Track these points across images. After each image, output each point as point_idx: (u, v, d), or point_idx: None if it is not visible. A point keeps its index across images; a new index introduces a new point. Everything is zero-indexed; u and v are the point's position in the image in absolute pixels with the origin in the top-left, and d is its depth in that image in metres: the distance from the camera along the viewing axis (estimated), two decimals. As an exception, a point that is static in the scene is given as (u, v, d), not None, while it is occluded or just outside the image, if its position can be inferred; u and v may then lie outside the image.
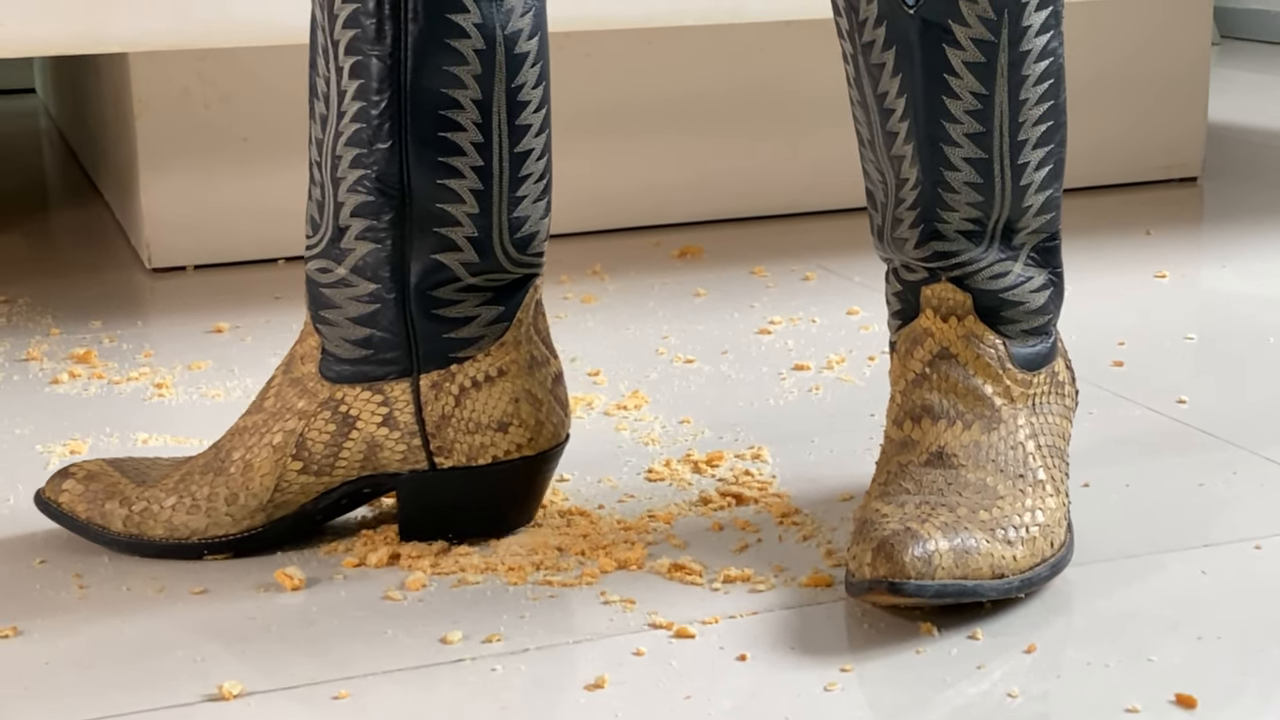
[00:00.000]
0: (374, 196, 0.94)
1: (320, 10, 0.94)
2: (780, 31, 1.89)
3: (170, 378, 1.34)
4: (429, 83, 0.93)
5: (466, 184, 0.94)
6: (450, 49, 0.92)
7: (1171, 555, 0.96)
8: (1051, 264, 0.97)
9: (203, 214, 1.73)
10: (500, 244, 0.95)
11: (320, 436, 0.96)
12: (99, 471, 1.00)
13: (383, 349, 0.96)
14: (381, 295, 0.96)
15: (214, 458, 0.98)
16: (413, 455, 0.97)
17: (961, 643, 0.85)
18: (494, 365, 0.97)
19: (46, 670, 0.84)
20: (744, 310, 1.53)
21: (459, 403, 0.96)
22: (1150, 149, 2.08)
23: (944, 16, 0.90)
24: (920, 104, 0.92)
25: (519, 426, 0.97)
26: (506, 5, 0.93)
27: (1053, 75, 0.93)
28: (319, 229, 0.97)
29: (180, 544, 0.96)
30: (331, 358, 0.97)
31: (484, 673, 0.83)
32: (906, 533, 0.85)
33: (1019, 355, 0.96)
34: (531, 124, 0.95)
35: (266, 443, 0.97)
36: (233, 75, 1.71)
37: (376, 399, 0.96)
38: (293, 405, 0.97)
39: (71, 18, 1.44)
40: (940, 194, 0.93)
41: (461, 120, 0.93)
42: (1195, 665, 0.82)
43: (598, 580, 0.93)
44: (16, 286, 1.67)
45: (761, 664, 0.83)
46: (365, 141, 0.94)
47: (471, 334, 0.96)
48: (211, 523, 0.96)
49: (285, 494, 0.97)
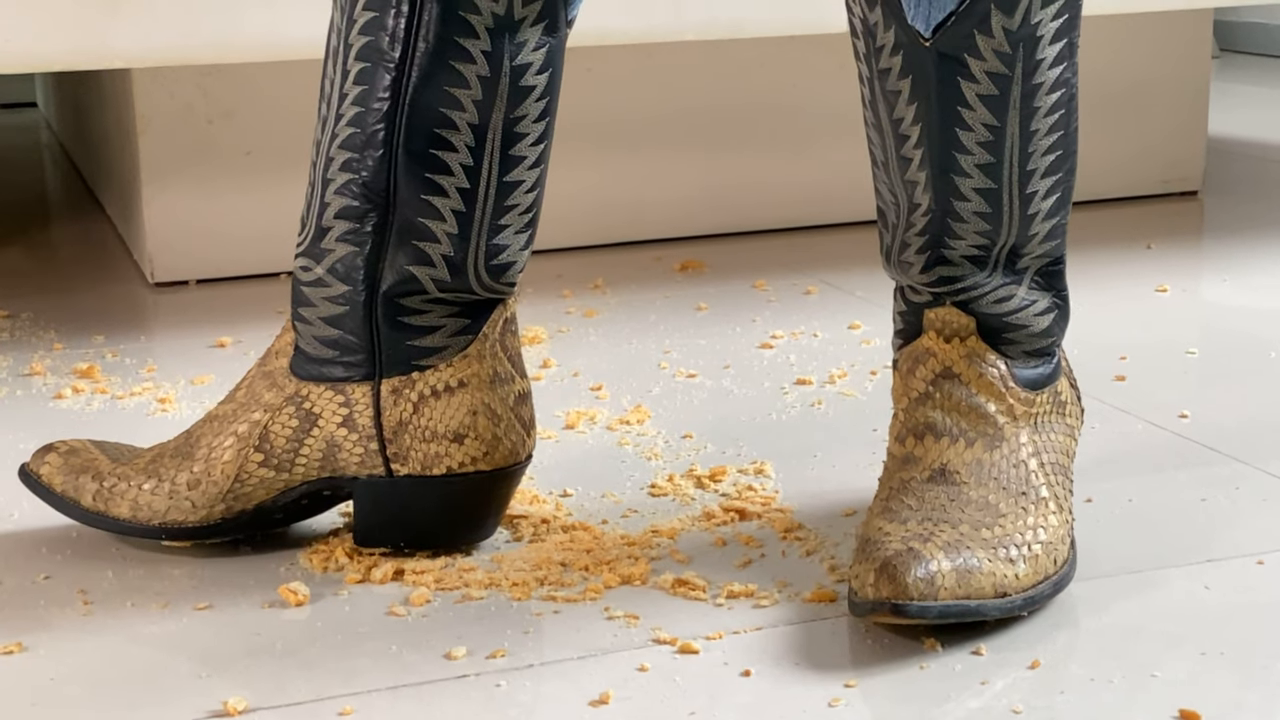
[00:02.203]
0: (359, 202, 0.95)
1: (340, 14, 0.95)
2: (781, 46, 1.90)
3: (173, 393, 1.34)
4: (428, 100, 0.93)
5: (450, 203, 0.95)
6: (454, 71, 0.93)
7: (1174, 571, 0.96)
8: (1056, 287, 0.98)
9: (205, 229, 1.73)
10: (474, 267, 0.96)
11: (283, 431, 0.97)
12: (80, 448, 1.03)
13: (348, 351, 0.97)
14: (352, 298, 0.96)
15: (185, 442, 1.00)
16: (370, 459, 0.98)
17: (965, 658, 0.85)
18: (455, 376, 0.97)
19: (52, 686, 0.84)
20: (746, 324, 1.53)
21: (417, 410, 0.97)
22: (1151, 163, 2.09)
23: (960, 50, 0.91)
24: (935, 134, 0.92)
25: (475, 440, 0.97)
26: (519, 38, 0.94)
27: (1064, 106, 0.93)
28: (305, 227, 0.98)
29: (142, 526, 0.99)
30: (302, 355, 0.98)
31: (488, 689, 0.83)
32: (909, 553, 0.85)
33: (1021, 376, 0.96)
34: (526, 156, 0.96)
35: (231, 431, 0.98)
36: (236, 91, 1.72)
37: (339, 399, 0.97)
38: (261, 398, 0.99)
39: (75, 33, 1.44)
40: (949, 223, 0.94)
41: (455, 141, 0.94)
42: (1199, 681, 0.83)
43: (601, 596, 0.93)
44: (19, 301, 1.67)
45: (765, 680, 0.83)
46: (358, 147, 0.95)
47: (435, 343, 0.97)
48: (173, 505, 0.98)
49: (245, 485, 0.98)
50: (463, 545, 0.99)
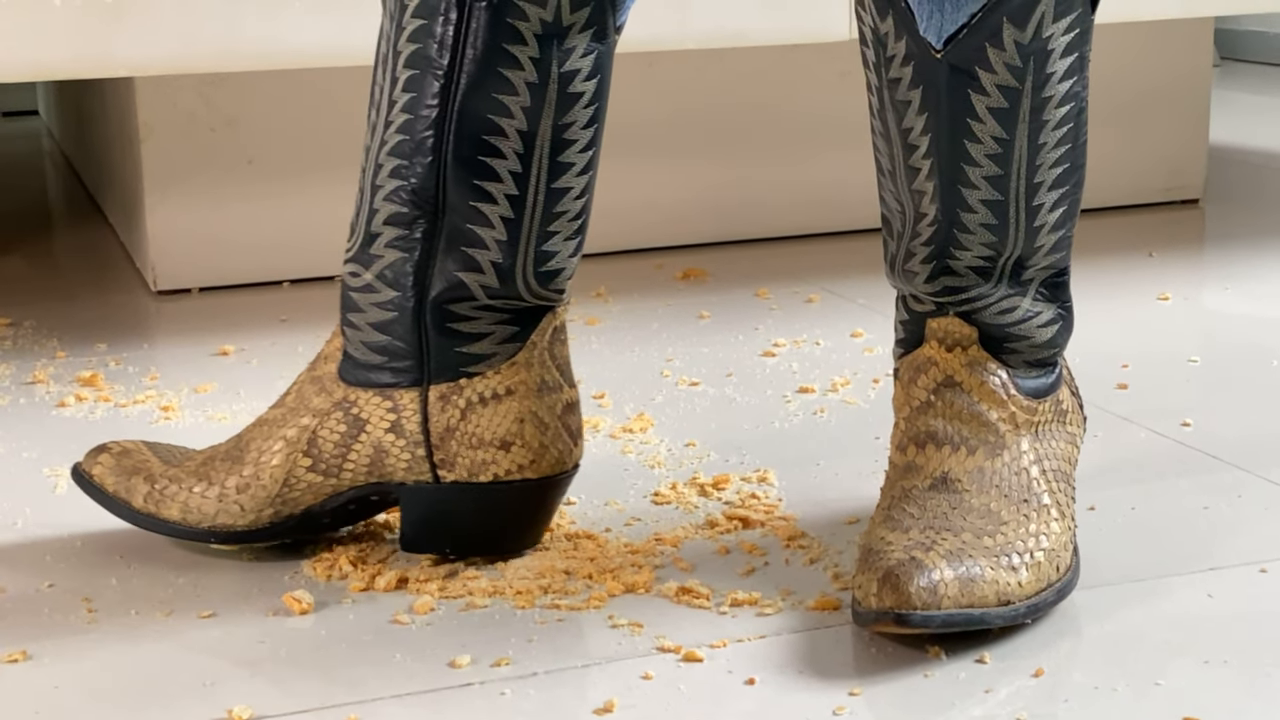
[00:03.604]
0: (408, 208, 0.95)
1: (389, 21, 0.95)
2: (783, 55, 1.90)
3: (176, 400, 1.34)
4: (477, 107, 0.93)
5: (499, 210, 0.95)
6: (503, 78, 0.93)
7: (1177, 578, 0.96)
8: (1060, 299, 0.98)
9: (208, 237, 1.73)
10: (523, 274, 0.96)
11: (331, 436, 0.98)
12: (133, 449, 1.03)
13: (397, 357, 0.97)
14: (401, 304, 0.96)
15: (235, 446, 1.00)
16: (417, 465, 0.97)
17: (969, 666, 0.85)
18: (502, 383, 0.97)
19: (56, 694, 0.85)
20: (748, 332, 1.53)
21: (464, 417, 0.97)
22: (1152, 171, 2.09)
23: (971, 63, 0.91)
24: (943, 145, 0.92)
25: (521, 447, 0.97)
26: (567, 44, 0.94)
27: (1073, 119, 0.93)
28: (354, 233, 0.98)
29: (191, 529, 0.99)
30: (351, 360, 0.98)
31: (493, 696, 0.83)
32: (911, 562, 0.85)
33: (1023, 385, 0.96)
34: (575, 163, 0.96)
35: (280, 435, 0.98)
36: (238, 99, 1.72)
37: (386, 405, 0.97)
38: (309, 403, 0.99)
39: (78, 41, 1.44)
40: (955, 233, 0.94)
41: (503, 148, 0.94)
42: (1202, 689, 0.83)
43: (605, 604, 0.93)
44: (22, 309, 1.67)
45: (770, 687, 0.83)
46: (407, 153, 0.95)
47: (483, 350, 0.97)
48: (222, 509, 0.98)
49: (294, 490, 0.98)
50: (508, 553, 0.99)
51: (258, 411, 1.31)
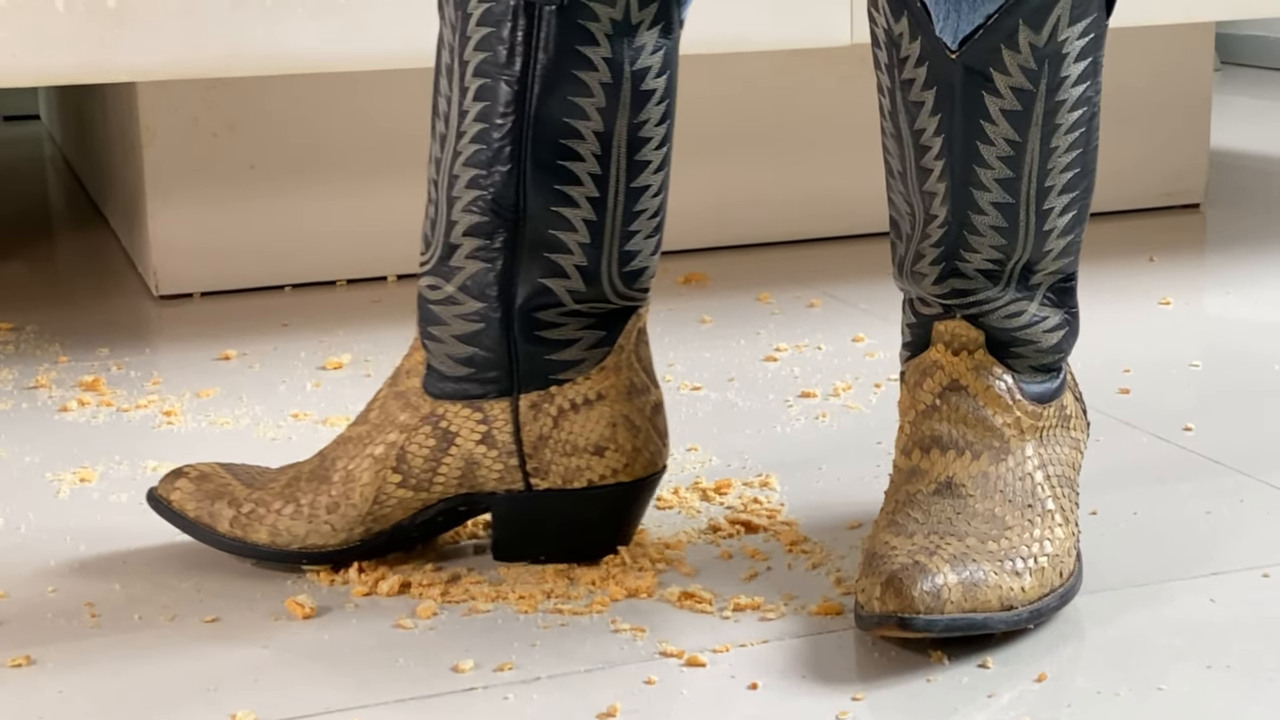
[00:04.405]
0: (488, 217, 0.95)
1: (451, 31, 0.94)
2: (783, 60, 1.90)
3: (179, 405, 1.34)
4: (553, 111, 0.93)
5: (581, 213, 0.95)
6: (577, 80, 0.93)
7: (1180, 583, 0.96)
8: (1067, 304, 0.98)
9: (210, 241, 1.73)
10: (608, 275, 0.96)
11: (420, 451, 0.97)
12: (211, 473, 1.01)
13: (485, 367, 0.97)
14: (487, 314, 0.96)
15: (319, 465, 0.99)
16: (509, 475, 0.97)
17: (972, 671, 0.85)
18: (593, 389, 0.97)
19: (60, 699, 0.85)
20: (750, 337, 1.53)
21: (557, 424, 0.97)
22: (1153, 175, 2.09)
23: (986, 64, 0.91)
24: (956, 147, 0.92)
25: (615, 451, 0.97)
26: (637, 42, 0.94)
27: (1085, 124, 0.93)
28: (431, 246, 0.97)
29: (281, 551, 0.98)
30: (436, 374, 0.98)
31: (496, 701, 0.83)
32: (915, 566, 0.85)
33: (1028, 390, 0.96)
34: (651, 160, 0.96)
35: (368, 453, 0.98)
36: (240, 104, 1.72)
37: (476, 416, 0.97)
38: (395, 418, 0.98)
39: (81, 47, 1.44)
40: (965, 235, 0.94)
41: (581, 150, 0.94)
42: (1205, 694, 0.83)
43: (608, 609, 0.93)
44: (24, 314, 1.67)
45: (773, 692, 0.84)
46: (484, 163, 0.94)
47: (573, 357, 0.97)
48: (312, 530, 0.97)
49: (384, 507, 0.97)
50: (598, 557, 0.99)
51: (260, 416, 1.32)
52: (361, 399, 1.35)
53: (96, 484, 1.16)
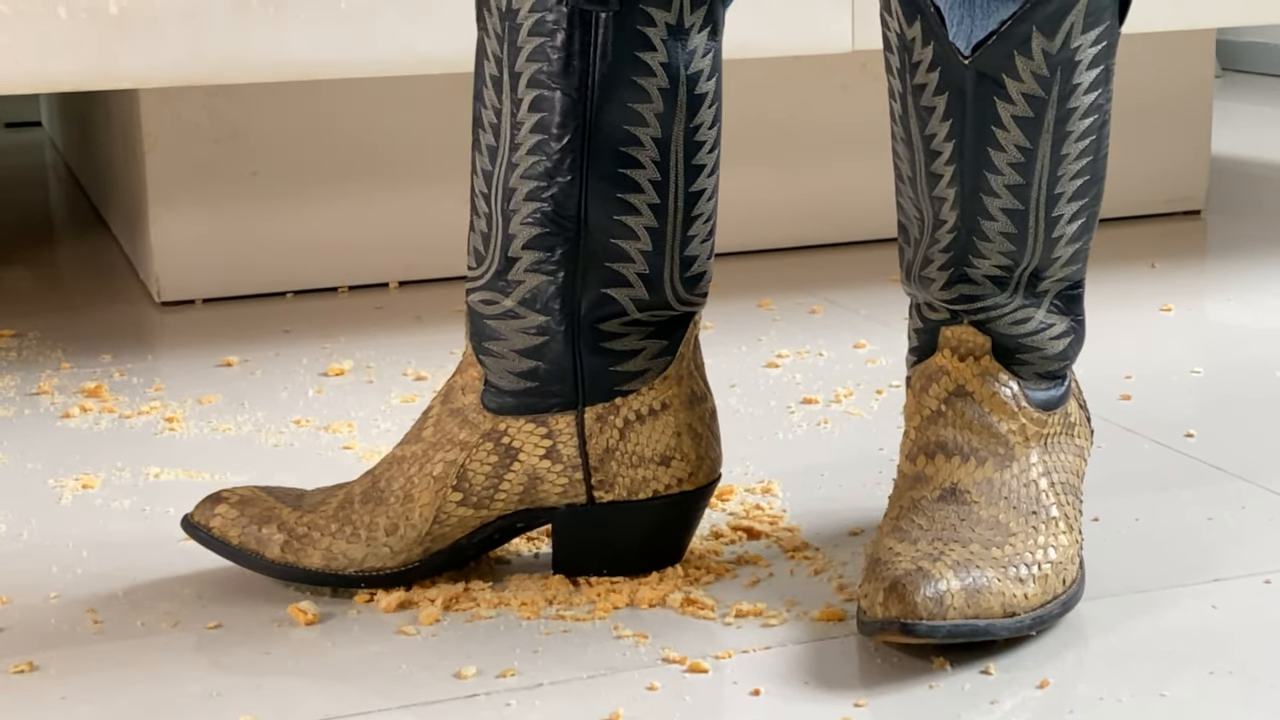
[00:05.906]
0: (548, 229, 0.94)
1: (497, 42, 0.94)
2: (787, 66, 1.90)
3: (180, 412, 1.34)
4: (613, 119, 0.93)
5: (642, 221, 0.94)
6: (636, 86, 0.93)
7: (1182, 590, 0.96)
8: (1074, 312, 0.98)
9: (212, 248, 1.73)
10: (671, 282, 0.96)
11: (482, 468, 0.96)
12: (253, 497, 0.99)
13: (548, 381, 0.96)
14: (550, 328, 0.95)
15: (371, 486, 0.98)
16: (573, 489, 0.97)
17: (974, 678, 0.85)
18: (658, 399, 0.97)
19: (63, 705, 0.85)
20: (751, 343, 1.53)
21: (623, 436, 0.96)
22: (1154, 182, 2.09)
23: (998, 70, 0.91)
24: (967, 152, 0.92)
25: (681, 460, 0.97)
26: (690, 45, 0.93)
27: (1096, 131, 0.93)
28: (484, 261, 0.96)
29: (337, 575, 0.96)
30: (494, 389, 0.97)
31: (499, 708, 0.83)
32: (918, 572, 0.85)
33: (1033, 397, 0.96)
34: (705, 164, 0.96)
35: (427, 473, 0.96)
36: (242, 110, 1.72)
37: (540, 431, 0.96)
38: (453, 436, 0.97)
39: (83, 53, 1.45)
40: (974, 241, 0.94)
41: (641, 158, 0.94)
42: (1207, 700, 0.83)
43: (610, 615, 0.93)
44: (26, 321, 1.67)
45: (775, 699, 0.84)
46: (543, 175, 0.93)
47: (637, 367, 0.97)
48: (370, 553, 0.96)
49: (444, 526, 0.96)
50: (657, 568, 0.99)
51: (262, 422, 1.32)
52: (363, 405, 1.35)
53: (99, 490, 1.16)
